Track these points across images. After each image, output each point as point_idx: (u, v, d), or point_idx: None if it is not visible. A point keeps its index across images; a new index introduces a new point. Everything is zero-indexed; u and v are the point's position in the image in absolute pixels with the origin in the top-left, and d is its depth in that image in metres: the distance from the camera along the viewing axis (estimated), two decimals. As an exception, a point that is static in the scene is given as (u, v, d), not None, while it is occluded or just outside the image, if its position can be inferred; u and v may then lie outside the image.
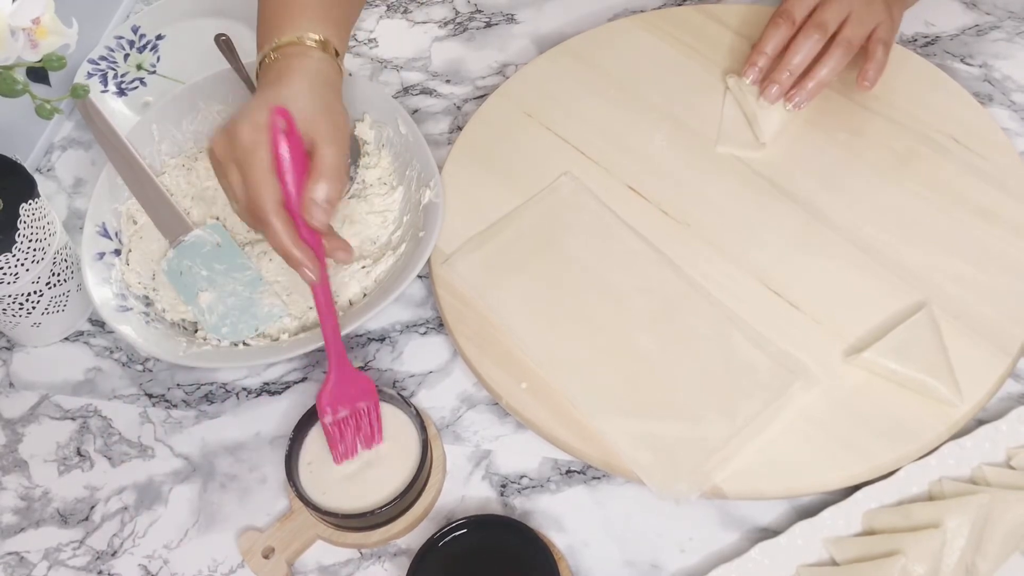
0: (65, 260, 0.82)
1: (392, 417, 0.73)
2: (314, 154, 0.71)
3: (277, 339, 0.79)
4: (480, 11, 1.04)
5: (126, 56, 1.03)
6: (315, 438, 0.73)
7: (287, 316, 0.80)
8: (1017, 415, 0.69)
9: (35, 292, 0.80)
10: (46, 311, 0.82)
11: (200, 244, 0.82)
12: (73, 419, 0.81)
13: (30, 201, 0.77)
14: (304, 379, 0.81)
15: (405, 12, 1.05)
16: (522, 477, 0.74)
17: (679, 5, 0.99)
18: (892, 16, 0.84)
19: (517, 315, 0.78)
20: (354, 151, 0.88)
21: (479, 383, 0.78)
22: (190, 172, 0.89)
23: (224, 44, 0.92)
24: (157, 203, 0.84)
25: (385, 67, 1.01)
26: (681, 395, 0.73)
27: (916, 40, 0.94)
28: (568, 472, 0.74)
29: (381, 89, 0.90)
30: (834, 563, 0.66)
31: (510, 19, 1.02)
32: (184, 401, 0.81)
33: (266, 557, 0.71)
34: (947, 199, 0.80)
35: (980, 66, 0.91)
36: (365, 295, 0.81)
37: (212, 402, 0.81)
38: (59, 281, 0.82)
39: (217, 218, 0.86)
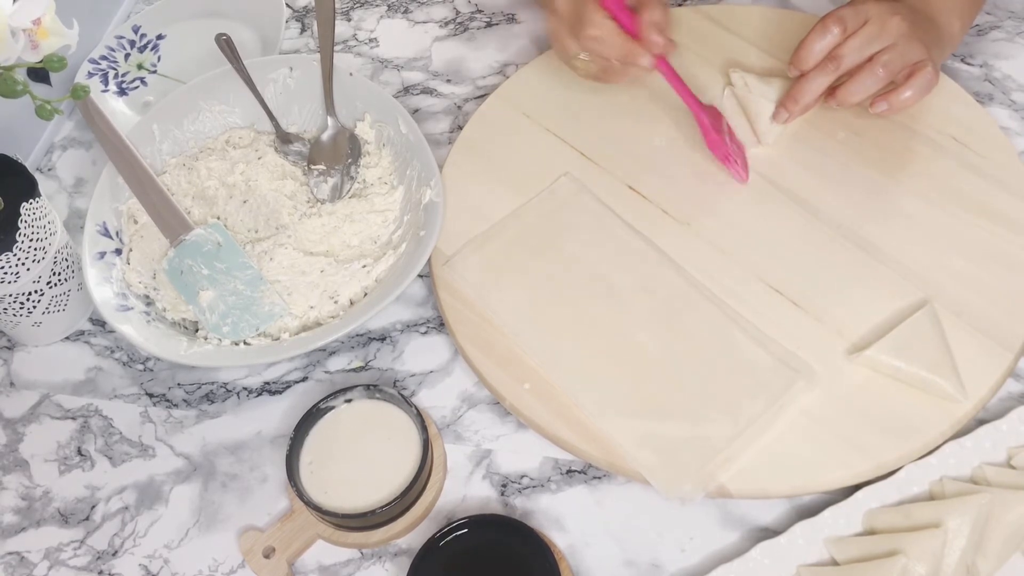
0: (66, 259, 0.82)
1: (392, 417, 0.73)
2: None
3: (278, 338, 0.79)
4: (481, 11, 1.04)
5: (127, 56, 1.03)
6: (316, 437, 0.73)
7: (288, 315, 0.79)
8: (1018, 415, 0.69)
9: (36, 291, 0.80)
10: (47, 310, 0.82)
11: (201, 243, 0.82)
12: (74, 419, 0.81)
13: (31, 200, 0.77)
14: (305, 379, 0.81)
15: (406, 12, 1.05)
16: (523, 477, 0.74)
17: (679, 6, 0.98)
18: (933, 62, 0.80)
19: (519, 316, 0.78)
20: (355, 150, 0.89)
21: (480, 382, 0.78)
22: (191, 172, 0.89)
23: (225, 44, 0.92)
24: (158, 202, 0.84)
25: (386, 67, 1.01)
26: (684, 395, 0.73)
27: (917, 40, 0.94)
28: (569, 472, 0.74)
29: (382, 89, 0.90)
30: (835, 563, 0.66)
31: (510, 19, 1.02)
32: (185, 400, 0.81)
33: (267, 557, 0.71)
34: (947, 198, 0.80)
35: (980, 66, 0.91)
36: (366, 294, 0.81)
37: (213, 401, 0.81)
38: (60, 280, 0.82)
39: (218, 217, 0.86)
